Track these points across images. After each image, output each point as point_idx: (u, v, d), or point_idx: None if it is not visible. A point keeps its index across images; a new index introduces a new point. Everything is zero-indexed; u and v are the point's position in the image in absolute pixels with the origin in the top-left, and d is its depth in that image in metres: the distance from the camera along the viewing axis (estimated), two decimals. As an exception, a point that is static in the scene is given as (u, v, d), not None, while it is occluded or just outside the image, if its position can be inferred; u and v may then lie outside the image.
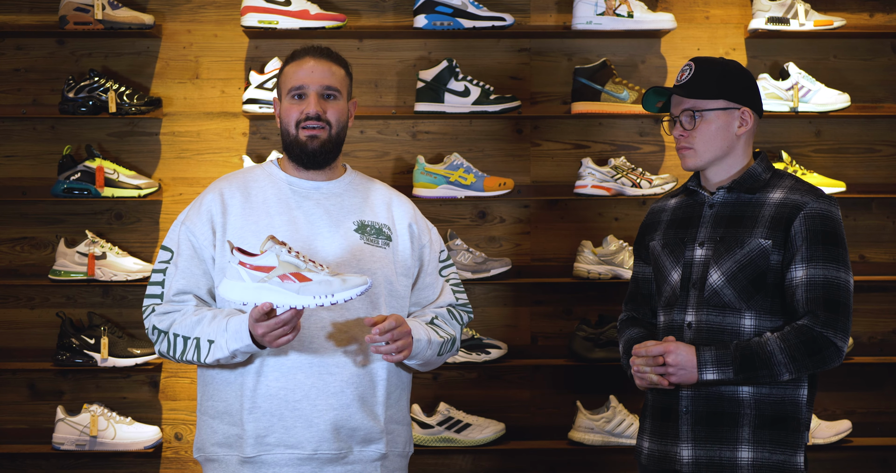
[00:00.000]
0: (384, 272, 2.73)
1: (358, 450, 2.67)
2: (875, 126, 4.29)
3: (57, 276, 4.05)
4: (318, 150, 2.73)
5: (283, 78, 2.78)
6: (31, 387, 4.20)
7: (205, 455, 2.72)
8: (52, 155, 4.17)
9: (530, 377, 4.25)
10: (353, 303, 2.62)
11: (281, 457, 2.63)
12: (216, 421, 2.69)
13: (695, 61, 2.77)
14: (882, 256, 4.28)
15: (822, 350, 2.59)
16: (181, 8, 4.21)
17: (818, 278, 2.61)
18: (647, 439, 2.79)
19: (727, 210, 2.74)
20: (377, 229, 2.77)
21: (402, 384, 2.79)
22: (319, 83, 2.73)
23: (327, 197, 2.77)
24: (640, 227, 2.94)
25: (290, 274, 2.37)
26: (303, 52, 2.78)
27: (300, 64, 2.76)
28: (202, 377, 2.74)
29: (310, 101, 2.72)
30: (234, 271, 2.42)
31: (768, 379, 2.61)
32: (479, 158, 4.23)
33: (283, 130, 2.77)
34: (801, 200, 2.67)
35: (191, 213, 2.75)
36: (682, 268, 2.74)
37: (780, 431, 2.66)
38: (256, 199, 2.73)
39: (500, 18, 4.06)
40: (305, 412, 2.62)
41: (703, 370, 2.60)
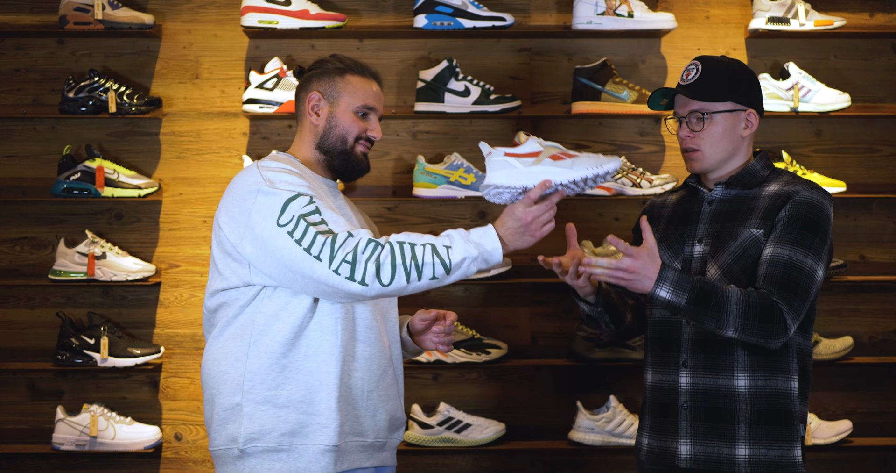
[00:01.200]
0: None
1: (394, 438, 2.81)
2: (875, 126, 4.29)
3: (57, 276, 4.05)
4: (368, 167, 2.84)
5: (350, 88, 2.80)
6: (31, 387, 4.20)
7: (265, 446, 2.62)
8: (53, 155, 4.17)
9: (530, 377, 4.25)
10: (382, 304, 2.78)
11: (351, 445, 2.67)
12: (287, 411, 2.61)
13: (701, 61, 2.77)
14: (882, 256, 4.28)
15: (773, 322, 2.56)
16: (181, 8, 4.21)
17: (782, 257, 2.60)
18: (647, 435, 2.80)
19: (725, 206, 2.75)
20: None
21: None
22: (381, 111, 2.85)
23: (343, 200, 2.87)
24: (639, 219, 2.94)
25: (559, 154, 2.46)
26: (366, 70, 2.84)
27: (370, 83, 2.83)
28: (271, 365, 2.62)
29: (376, 125, 2.81)
30: (501, 163, 2.47)
31: (713, 324, 2.55)
32: (480, 158, 4.23)
33: (331, 134, 2.78)
34: (794, 189, 2.69)
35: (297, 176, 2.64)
36: (681, 264, 2.76)
37: (776, 426, 2.67)
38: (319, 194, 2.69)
39: (501, 18, 4.06)
40: (373, 403, 2.71)
41: (659, 284, 2.52)
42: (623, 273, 2.53)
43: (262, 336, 2.63)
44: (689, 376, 2.71)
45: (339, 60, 2.84)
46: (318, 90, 2.80)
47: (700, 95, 2.73)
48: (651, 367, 2.81)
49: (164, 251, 4.19)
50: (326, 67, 2.83)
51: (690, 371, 2.70)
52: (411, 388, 4.21)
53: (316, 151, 2.80)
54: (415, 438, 4.03)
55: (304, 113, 2.82)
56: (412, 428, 4.05)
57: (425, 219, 4.23)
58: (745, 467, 2.65)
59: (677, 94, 2.80)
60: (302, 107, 2.82)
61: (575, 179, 2.48)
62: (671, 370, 2.74)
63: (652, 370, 2.80)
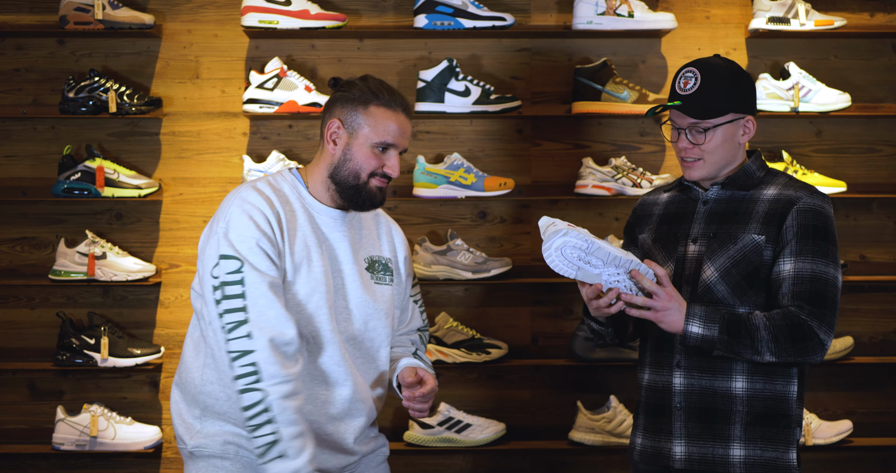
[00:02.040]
0: (391, 312, 2.78)
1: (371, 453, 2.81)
2: (875, 126, 4.29)
3: (57, 276, 4.05)
4: (383, 201, 2.73)
5: (371, 122, 2.65)
6: (32, 387, 4.20)
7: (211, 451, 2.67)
8: (53, 155, 4.17)
9: (531, 377, 4.25)
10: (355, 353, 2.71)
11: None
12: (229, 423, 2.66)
13: (699, 68, 2.71)
14: (882, 256, 4.28)
15: (806, 339, 2.57)
16: (181, 8, 4.21)
17: (806, 272, 2.61)
18: (641, 435, 2.80)
19: (721, 207, 2.74)
20: (384, 264, 2.78)
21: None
22: (404, 146, 2.71)
23: (348, 229, 2.73)
24: (630, 218, 2.94)
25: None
26: (395, 102, 2.68)
27: (396, 116, 2.67)
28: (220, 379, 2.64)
29: (394, 162, 2.68)
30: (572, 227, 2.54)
31: (749, 353, 2.58)
32: (480, 158, 4.23)
33: (345, 168, 2.66)
34: (795, 195, 2.68)
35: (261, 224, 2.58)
36: (675, 264, 2.75)
37: (772, 428, 2.66)
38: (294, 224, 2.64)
39: (501, 18, 4.06)
40: (334, 441, 2.69)
41: (690, 321, 2.55)
42: (659, 302, 2.56)
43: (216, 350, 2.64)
44: (683, 377, 2.70)
45: (369, 86, 2.68)
46: (340, 118, 2.67)
47: (701, 112, 2.68)
48: (647, 367, 2.80)
49: (165, 251, 4.19)
50: (353, 93, 2.68)
51: (684, 372, 2.70)
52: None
53: (328, 179, 2.69)
54: (415, 438, 4.03)
55: (323, 137, 2.71)
56: (412, 428, 4.05)
57: (425, 219, 4.23)
58: (739, 467, 2.65)
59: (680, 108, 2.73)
60: (323, 131, 2.71)
61: (632, 259, 2.54)
62: (665, 371, 2.73)
63: (647, 370, 2.80)
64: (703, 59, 2.77)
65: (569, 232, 2.52)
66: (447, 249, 4.09)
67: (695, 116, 2.68)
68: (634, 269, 2.54)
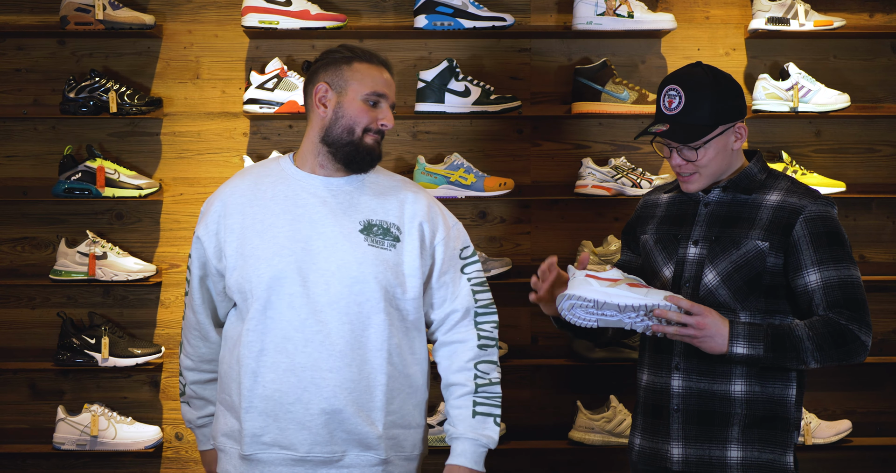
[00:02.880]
0: (387, 277, 2.69)
1: (354, 454, 2.68)
2: (875, 126, 4.29)
3: (58, 276, 4.06)
4: (380, 156, 2.75)
5: (358, 76, 2.71)
6: (32, 387, 4.21)
7: (216, 443, 2.78)
8: (53, 155, 4.17)
9: (530, 377, 4.25)
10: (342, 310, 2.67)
11: (276, 456, 2.66)
12: (227, 414, 2.74)
13: (681, 86, 2.67)
14: (882, 256, 4.28)
15: (849, 343, 2.59)
16: (182, 8, 4.21)
17: (833, 279, 2.62)
18: (639, 435, 2.80)
19: (723, 210, 2.74)
20: (385, 229, 2.72)
21: (411, 388, 2.76)
22: (392, 99, 2.75)
23: (336, 195, 2.73)
24: (632, 218, 2.94)
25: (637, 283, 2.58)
26: (374, 57, 2.75)
27: (379, 69, 2.73)
28: (219, 370, 2.81)
29: (388, 114, 2.72)
30: (580, 282, 2.57)
31: (794, 364, 2.59)
32: (480, 158, 4.23)
33: (338, 125, 2.71)
34: (800, 203, 2.67)
35: (205, 214, 2.80)
36: (675, 265, 2.74)
37: (770, 430, 2.67)
38: (265, 195, 2.74)
39: (501, 19, 4.07)
40: (299, 415, 2.65)
41: (734, 342, 2.55)
42: (693, 331, 2.54)
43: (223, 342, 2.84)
44: (681, 379, 2.70)
45: (347, 48, 2.76)
46: (325, 81, 2.72)
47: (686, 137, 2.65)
48: (645, 368, 2.80)
49: (165, 251, 4.20)
50: (334, 56, 2.75)
51: (683, 375, 2.70)
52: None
53: (320, 144, 2.73)
54: (415, 438, 4.03)
55: (311, 107, 2.75)
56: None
57: (425, 219, 4.23)
58: (737, 469, 2.65)
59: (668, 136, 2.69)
60: (310, 100, 2.75)
61: (646, 304, 2.52)
62: (664, 373, 2.73)
63: (646, 370, 2.80)
64: (685, 71, 2.72)
65: (571, 295, 2.54)
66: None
67: (682, 142, 2.66)
68: (656, 310, 2.53)
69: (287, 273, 2.65)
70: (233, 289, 2.72)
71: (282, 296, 2.65)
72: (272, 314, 2.66)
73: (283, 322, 2.65)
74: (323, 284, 2.66)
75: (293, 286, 2.65)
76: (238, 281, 2.70)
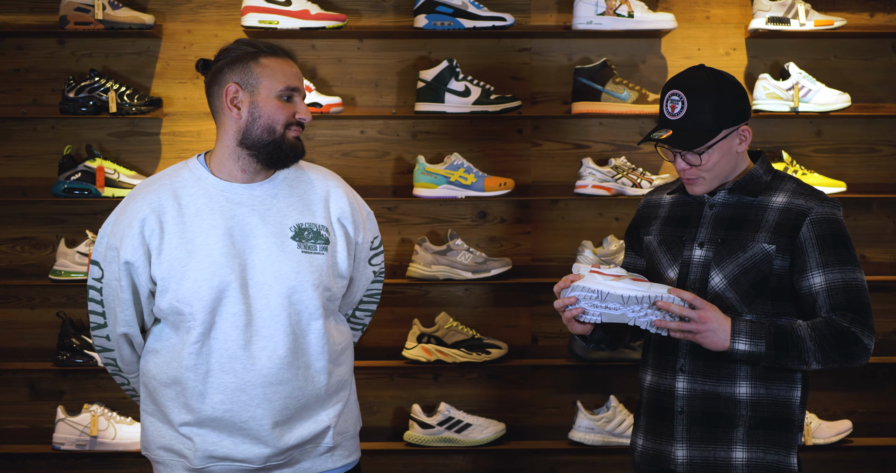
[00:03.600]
0: (323, 282, 2.64)
1: (306, 450, 2.67)
2: (875, 126, 4.29)
3: (57, 276, 4.06)
4: (303, 151, 2.66)
5: (268, 72, 2.59)
6: (32, 387, 4.20)
7: (151, 455, 2.69)
8: (53, 155, 4.17)
9: (530, 377, 4.25)
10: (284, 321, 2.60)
11: (229, 468, 2.61)
12: (163, 426, 2.65)
13: (684, 92, 2.65)
14: (882, 256, 4.28)
15: (851, 345, 2.59)
16: (181, 8, 4.21)
17: (837, 282, 2.62)
18: (642, 436, 2.79)
19: (728, 212, 2.72)
20: (315, 232, 2.66)
21: (346, 374, 2.74)
22: (304, 91, 2.66)
23: (262, 201, 2.63)
24: (634, 219, 2.93)
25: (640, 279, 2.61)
26: (282, 52, 2.63)
27: (286, 62, 2.62)
28: (145, 382, 2.68)
29: (303, 106, 2.63)
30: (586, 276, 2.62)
31: (795, 364, 2.59)
32: (480, 158, 4.23)
33: (256, 126, 2.59)
34: (806, 205, 2.66)
35: (124, 238, 2.60)
36: (680, 267, 2.73)
37: (774, 432, 2.66)
38: (189, 210, 2.59)
39: (501, 18, 4.06)
40: (253, 431, 2.60)
41: (736, 338, 2.55)
42: (695, 325, 2.54)
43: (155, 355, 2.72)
44: (686, 381, 2.69)
45: (247, 43, 2.62)
46: (234, 81, 2.58)
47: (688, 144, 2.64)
48: (649, 368, 2.79)
49: (165, 251, 4.19)
50: (237, 53, 2.60)
51: (688, 377, 2.69)
52: (411, 388, 4.21)
53: (238, 148, 2.61)
54: (415, 438, 4.03)
55: (221, 109, 2.61)
56: (412, 428, 4.05)
57: (425, 219, 4.23)
58: (741, 470, 2.65)
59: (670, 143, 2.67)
60: (218, 103, 2.61)
61: (649, 295, 2.54)
62: (668, 374, 2.72)
63: (650, 371, 2.79)
64: (687, 75, 2.69)
65: (575, 286, 2.57)
66: (447, 249, 4.09)
67: (684, 148, 2.65)
68: (659, 301, 2.54)
69: (228, 293, 2.56)
70: (165, 311, 2.59)
71: (224, 316, 2.56)
72: (216, 334, 2.57)
73: (228, 342, 2.56)
74: (263, 298, 2.58)
75: (235, 305, 2.56)
76: (172, 303, 2.57)
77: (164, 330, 2.64)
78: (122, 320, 2.63)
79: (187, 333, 2.58)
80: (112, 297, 2.64)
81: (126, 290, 2.61)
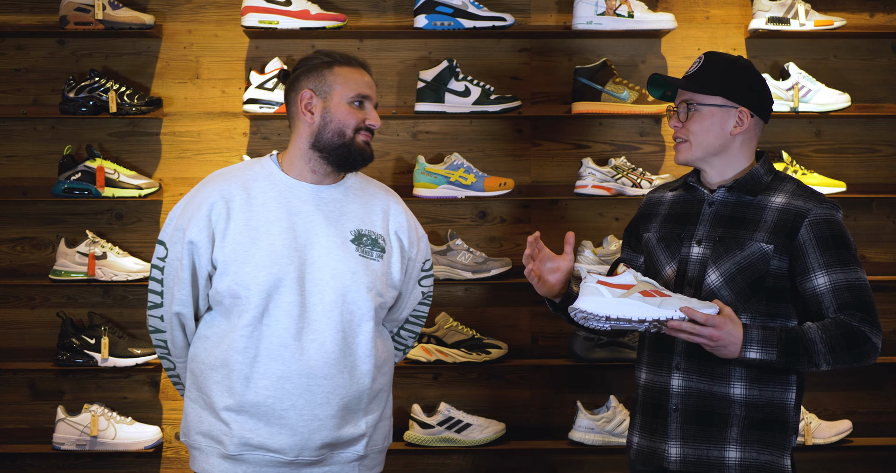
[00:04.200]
0: (376, 287, 2.76)
1: (337, 453, 2.74)
2: (875, 126, 4.29)
3: (57, 276, 4.06)
4: (372, 155, 2.79)
5: (341, 80, 2.74)
6: (32, 387, 4.20)
7: (189, 441, 2.78)
8: (53, 155, 4.17)
9: (531, 377, 4.25)
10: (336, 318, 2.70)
11: (262, 458, 2.69)
12: (204, 412, 2.73)
13: (707, 55, 2.77)
14: (882, 256, 4.28)
15: (861, 345, 2.60)
16: (182, 8, 4.21)
17: (842, 282, 2.62)
18: (637, 434, 2.79)
19: (727, 210, 2.73)
20: (373, 239, 2.79)
21: (386, 384, 2.85)
22: (376, 99, 2.80)
23: (327, 203, 2.77)
24: (636, 216, 2.94)
25: (651, 291, 2.53)
26: (356, 62, 2.79)
27: (359, 72, 2.77)
28: (192, 368, 2.78)
29: (373, 113, 2.77)
30: (591, 289, 2.53)
31: (805, 367, 2.60)
32: (480, 158, 4.23)
33: (328, 130, 2.73)
34: (805, 206, 2.67)
35: (192, 220, 2.73)
36: (678, 264, 2.74)
37: (769, 432, 2.66)
38: (256, 201, 2.73)
39: (501, 18, 4.07)
40: (291, 421, 2.67)
41: (747, 347, 2.55)
42: (707, 341, 2.54)
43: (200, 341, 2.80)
44: (681, 379, 2.70)
45: (324, 54, 2.78)
46: (309, 87, 2.75)
47: (691, 86, 2.73)
48: (644, 366, 2.80)
49: (165, 251, 4.19)
50: (313, 62, 2.77)
51: (683, 375, 2.69)
52: (411, 388, 4.22)
53: (311, 150, 2.76)
54: (415, 438, 4.03)
55: (296, 114, 2.78)
56: (412, 428, 4.05)
57: (426, 219, 4.23)
58: (734, 470, 2.65)
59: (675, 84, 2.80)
60: (294, 108, 2.78)
61: (659, 318, 2.51)
62: (664, 372, 2.73)
63: (645, 369, 2.79)
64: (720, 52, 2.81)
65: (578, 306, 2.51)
66: (447, 249, 4.09)
67: (684, 88, 2.73)
68: (671, 322, 2.51)
69: (285, 282, 2.67)
70: (223, 293, 2.70)
71: (279, 305, 2.67)
72: (269, 321, 2.67)
73: (279, 330, 2.67)
74: (318, 293, 2.70)
75: (291, 295, 2.67)
76: (231, 286, 2.68)
77: (216, 318, 2.75)
78: (179, 299, 2.74)
79: (239, 317, 2.68)
80: (172, 276, 2.75)
81: (186, 269, 2.73)
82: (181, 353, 2.83)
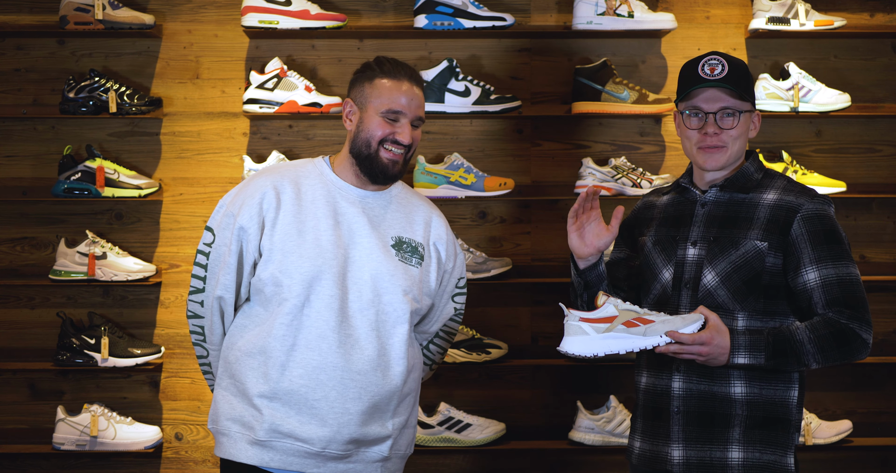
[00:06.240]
0: (413, 291, 2.83)
1: (362, 451, 2.79)
2: (875, 126, 4.29)
3: (57, 276, 4.06)
4: (396, 174, 2.84)
5: (377, 92, 2.82)
6: (32, 387, 4.20)
7: (217, 427, 2.81)
8: (53, 155, 4.17)
9: (531, 377, 4.25)
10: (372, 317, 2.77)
11: (290, 447, 2.73)
12: (234, 399, 2.77)
13: (722, 58, 2.71)
14: (882, 256, 4.28)
15: (850, 342, 2.59)
16: (181, 8, 4.21)
17: (832, 277, 2.62)
18: (639, 438, 2.79)
19: (720, 210, 2.73)
20: (413, 247, 2.87)
21: (414, 390, 2.90)
22: (415, 114, 2.84)
23: (371, 207, 2.86)
24: (630, 217, 2.94)
25: (633, 319, 2.54)
26: (399, 72, 2.84)
27: (399, 85, 2.82)
28: (226, 356, 2.82)
29: (405, 130, 2.82)
30: (575, 328, 2.58)
31: (794, 367, 2.61)
32: (480, 158, 4.23)
33: (359, 139, 2.82)
34: (797, 201, 2.67)
35: (243, 206, 2.80)
36: (675, 267, 2.74)
37: (771, 431, 2.66)
38: (306, 196, 2.81)
39: (501, 18, 4.07)
40: (322, 412, 2.72)
41: (735, 354, 2.57)
42: (697, 357, 2.58)
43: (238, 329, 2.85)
44: (681, 381, 2.70)
45: (378, 63, 2.87)
46: (351, 97, 2.88)
47: (737, 92, 2.69)
48: (644, 370, 2.80)
49: (165, 251, 4.20)
50: (363, 71, 2.88)
51: (683, 377, 2.69)
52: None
53: (349, 156, 2.86)
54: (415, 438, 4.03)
55: (343, 119, 2.90)
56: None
57: (425, 219, 4.23)
58: (738, 470, 2.65)
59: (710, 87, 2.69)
60: (343, 114, 2.91)
61: (646, 347, 2.54)
62: (664, 375, 2.73)
63: (645, 373, 2.79)
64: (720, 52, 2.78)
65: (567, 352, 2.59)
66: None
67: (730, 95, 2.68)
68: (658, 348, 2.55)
69: (327, 275, 2.75)
70: (265, 281, 2.76)
71: (320, 296, 2.74)
72: (309, 311, 2.73)
73: (319, 321, 2.73)
74: (356, 290, 2.77)
75: (332, 288, 2.74)
76: (274, 274, 2.75)
77: (254, 307, 2.81)
78: (223, 283, 2.80)
79: (279, 305, 2.74)
80: (218, 261, 2.81)
81: (233, 255, 2.79)
82: (217, 340, 2.88)
